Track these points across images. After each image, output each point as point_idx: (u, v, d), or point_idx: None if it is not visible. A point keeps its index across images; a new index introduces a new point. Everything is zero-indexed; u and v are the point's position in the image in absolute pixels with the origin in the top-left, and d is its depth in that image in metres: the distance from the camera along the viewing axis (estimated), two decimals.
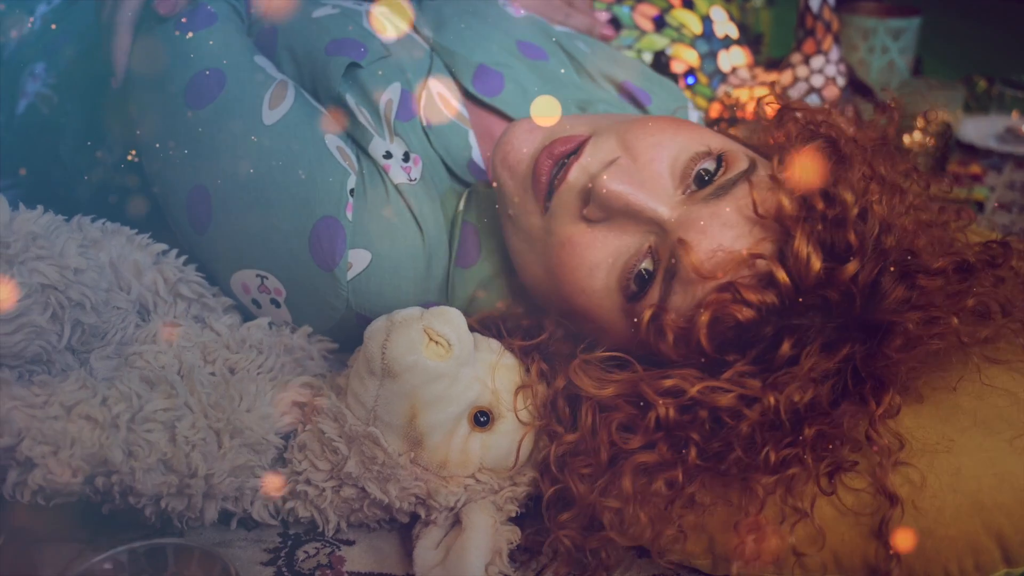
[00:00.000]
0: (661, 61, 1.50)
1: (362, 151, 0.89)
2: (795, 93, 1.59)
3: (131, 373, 0.78)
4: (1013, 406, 0.77)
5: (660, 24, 1.58)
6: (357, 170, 0.88)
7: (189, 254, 0.90)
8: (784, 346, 0.70)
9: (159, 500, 0.75)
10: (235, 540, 0.81)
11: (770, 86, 1.57)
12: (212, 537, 0.81)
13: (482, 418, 0.78)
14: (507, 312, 0.89)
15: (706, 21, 1.61)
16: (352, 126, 0.89)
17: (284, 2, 0.96)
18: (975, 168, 1.59)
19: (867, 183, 0.73)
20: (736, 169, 0.75)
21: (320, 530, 0.82)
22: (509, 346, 0.83)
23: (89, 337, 0.80)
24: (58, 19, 0.96)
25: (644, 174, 0.76)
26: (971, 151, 1.65)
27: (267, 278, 0.87)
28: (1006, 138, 1.68)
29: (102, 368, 0.80)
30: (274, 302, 0.88)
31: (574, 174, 0.77)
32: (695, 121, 1.03)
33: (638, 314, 0.74)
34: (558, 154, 0.78)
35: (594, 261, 0.77)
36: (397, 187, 0.88)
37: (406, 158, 0.89)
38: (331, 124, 0.89)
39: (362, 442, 0.77)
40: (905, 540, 0.71)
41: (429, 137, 0.91)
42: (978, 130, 1.69)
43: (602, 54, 1.10)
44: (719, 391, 0.71)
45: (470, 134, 0.94)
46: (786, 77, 1.59)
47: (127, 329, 0.83)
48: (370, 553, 0.81)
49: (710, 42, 1.60)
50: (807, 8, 1.59)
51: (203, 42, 0.88)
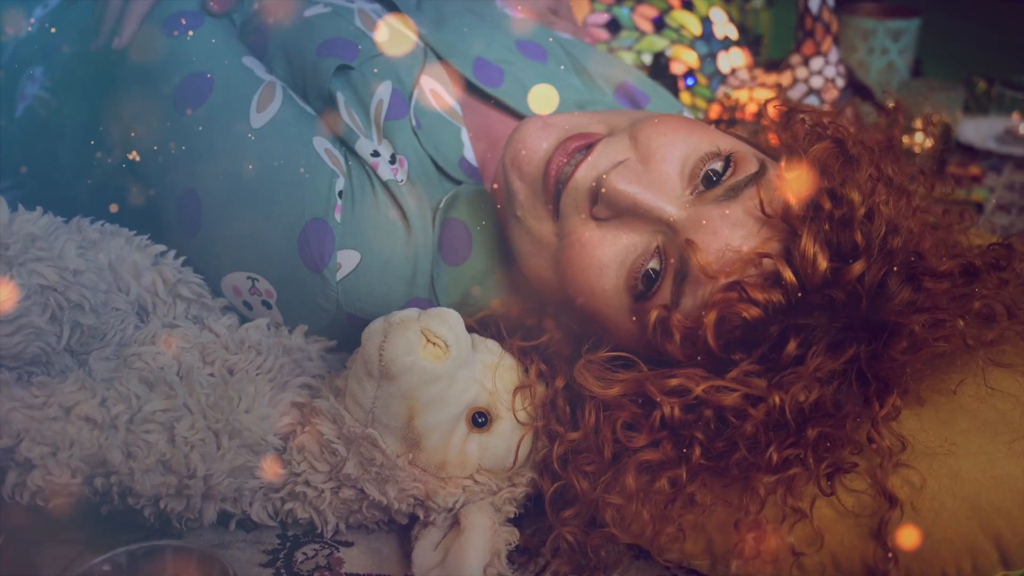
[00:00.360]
0: (660, 62, 1.50)
1: (350, 151, 0.89)
2: (794, 94, 1.59)
3: (130, 374, 0.78)
4: (1014, 409, 0.77)
5: (660, 25, 1.58)
6: (345, 171, 0.87)
7: (183, 256, 0.89)
8: (790, 345, 0.70)
9: (158, 501, 0.76)
10: (234, 541, 0.81)
11: (776, 88, 1.57)
12: (211, 538, 0.81)
13: (480, 419, 0.78)
14: (507, 312, 0.89)
15: (705, 22, 1.61)
16: (339, 126, 0.89)
17: (279, 1, 0.96)
18: (974, 169, 1.59)
19: (874, 184, 0.73)
20: (745, 171, 0.75)
21: (319, 531, 0.82)
22: (508, 347, 0.83)
23: (88, 338, 0.80)
24: (56, 22, 0.96)
25: (653, 174, 0.76)
26: (970, 152, 1.65)
27: (258, 280, 0.87)
28: (1005, 139, 1.67)
29: (101, 369, 0.80)
30: (265, 304, 0.88)
31: (583, 172, 0.77)
32: None
33: (645, 314, 0.74)
34: (572, 150, 0.78)
35: (603, 260, 0.77)
36: (385, 184, 0.88)
37: (392, 160, 0.89)
38: (319, 126, 0.89)
39: (360, 444, 0.77)
40: (909, 537, 0.71)
41: (419, 136, 0.91)
42: (977, 131, 1.69)
43: (599, 56, 1.10)
44: (724, 390, 0.71)
45: (462, 131, 0.93)
46: (785, 78, 1.59)
47: (126, 330, 0.83)
48: (369, 554, 0.81)
49: (709, 43, 1.61)
50: (806, 9, 1.59)
51: (191, 45, 0.88)
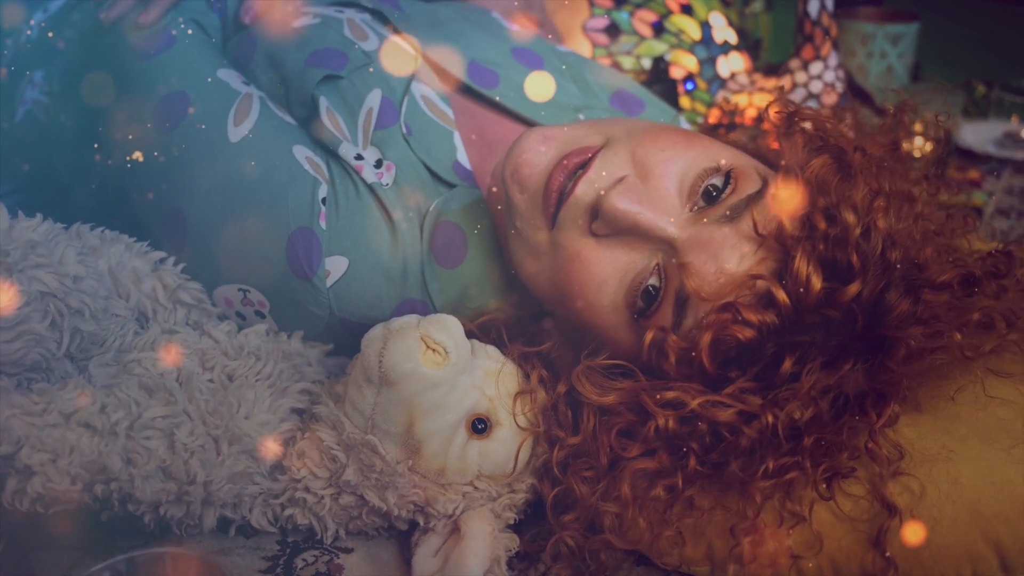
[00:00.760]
0: (660, 67, 1.50)
1: (332, 157, 0.89)
2: (794, 99, 1.58)
3: (130, 380, 0.78)
4: (1014, 416, 0.77)
5: (659, 30, 1.58)
6: (328, 178, 0.88)
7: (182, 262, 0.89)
8: (785, 364, 0.70)
9: (158, 507, 0.76)
10: (234, 548, 0.81)
11: (778, 91, 1.56)
12: (211, 544, 0.81)
13: (480, 425, 0.78)
14: (508, 317, 0.89)
15: (705, 27, 1.61)
16: (320, 131, 0.89)
17: (271, 12, 0.96)
18: (973, 173, 1.59)
19: (872, 199, 0.73)
20: (746, 188, 0.75)
21: (319, 538, 0.82)
22: (509, 352, 0.83)
23: (88, 344, 0.80)
24: (56, 26, 0.96)
25: (652, 192, 0.76)
26: (970, 156, 1.65)
27: (249, 291, 0.88)
28: (1005, 143, 1.67)
29: (101, 375, 0.80)
30: (259, 314, 0.89)
31: (582, 189, 0.77)
32: None
33: (643, 332, 0.75)
34: (572, 167, 0.78)
35: (602, 277, 0.77)
36: (370, 187, 0.88)
37: (378, 164, 0.89)
38: (299, 134, 0.89)
39: (360, 450, 0.77)
40: (914, 534, 0.71)
41: (410, 143, 0.91)
42: (977, 135, 1.69)
43: (594, 66, 1.10)
44: (719, 406, 0.71)
45: (455, 135, 0.93)
46: (785, 83, 1.59)
47: (126, 336, 0.83)
48: (369, 561, 0.81)
49: (709, 48, 1.60)
50: (806, 14, 1.59)
51: (164, 66, 0.88)
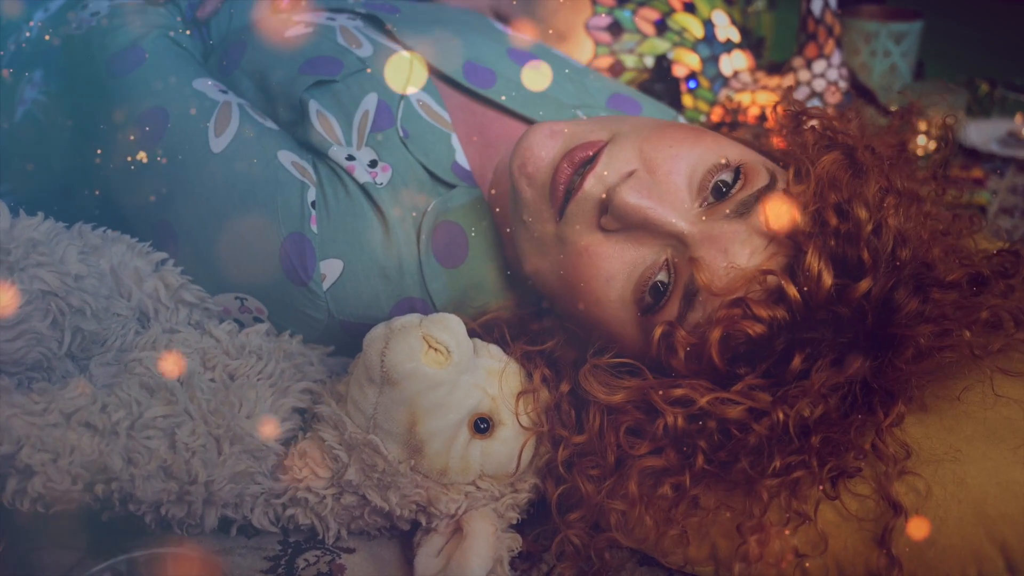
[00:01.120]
0: (663, 65, 1.50)
1: (320, 159, 0.89)
2: (796, 98, 1.58)
3: (131, 380, 0.78)
4: (1020, 415, 0.76)
5: (662, 28, 1.58)
6: (316, 181, 0.87)
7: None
8: (795, 360, 0.70)
9: (159, 507, 0.75)
10: (235, 547, 0.81)
11: (786, 91, 1.56)
12: (212, 544, 0.81)
13: (482, 425, 0.78)
14: (511, 316, 0.89)
15: (708, 25, 1.60)
16: (310, 134, 0.89)
17: (259, 20, 0.96)
18: (977, 172, 1.58)
19: (883, 195, 0.73)
20: (755, 183, 0.74)
21: (320, 537, 0.81)
22: (512, 351, 0.83)
23: (89, 344, 0.80)
24: (55, 26, 0.96)
25: (662, 187, 0.76)
26: (973, 155, 1.64)
27: (246, 299, 0.88)
28: (1008, 142, 1.67)
29: (102, 375, 0.80)
30: (257, 320, 0.89)
31: (590, 183, 0.77)
32: None
33: (651, 328, 0.74)
34: (578, 160, 0.78)
35: (610, 272, 0.77)
36: (363, 186, 0.87)
37: (372, 164, 0.89)
38: (283, 139, 0.89)
39: (362, 450, 0.76)
40: (919, 529, 0.71)
41: (407, 145, 0.91)
42: (980, 134, 1.69)
43: (590, 71, 1.11)
44: (728, 403, 0.71)
45: (452, 137, 0.93)
46: (788, 81, 1.58)
47: (127, 336, 0.83)
48: (371, 561, 0.81)
49: (712, 46, 1.60)
50: (809, 12, 1.58)
51: (137, 82, 0.88)
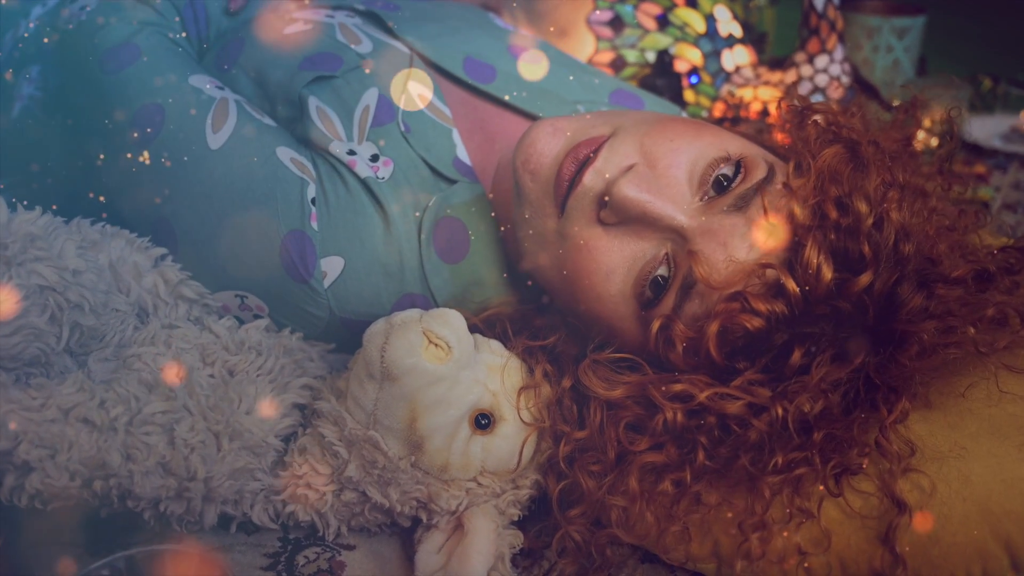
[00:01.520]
0: (664, 60, 1.49)
1: (319, 155, 0.88)
2: (799, 92, 1.57)
3: (129, 375, 0.78)
4: None
5: (663, 23, 1.57)
6: (315, 177, 0.87)
7: None
8: (795, 355, 0.70)
9: (158, 504, 0.75)
10: (235, 544, 0.81)
11: (790, 87, 1.55)
12: (211, 541, 0.80)
13: (483, 421, 0.78)
14: (513, 311, 0.89)
15: (710, 20, 1.60)
16: (310, 130, 0.88)
17: (259, 17, 0.96)
18: (980, 168, 1.58)
19: (885, 190, 0.72)
20: (755, 177, 0.74)
21: (320, 534, 0.81)
22: (513, 347, 0.83)
23: (87, 339, 0.79)
24: (51, 22, 0.95)
25: (661, 181, 0.75)
26: (976, 151, 1.64)
27: (247, 297, 0.87)
28: (1011, 138, 1.66)
29: (100, 370, 0.80)
30: (257, 317, 0.88)
31: (589, 178, 0.76)
32: None
33: (650, 323, 0.74)
34: (583, 157, 0.77)
35: (610, 266, 0.76)
36: (364, 181, 0.87)
37: (374, 159, 0.88)
38: (282, 135, 0.88)
39: (362, 446, 0.76)
40: (924, 523, 0.71)
41: (408, 140, 0.90)
42: (983, 130, 1.68)
43: (591, 68, 1.10)
44: (728, 398, 0.70)
45: (453, 133, 0.93)
46: (790, 76, 1.58)
47: (126, 331, 0.82)
48: (371, 558, 0.80)
49: (714, 41, 1.60)
50: (811, 7, 1.58)
51: (133, 80, 0.87)
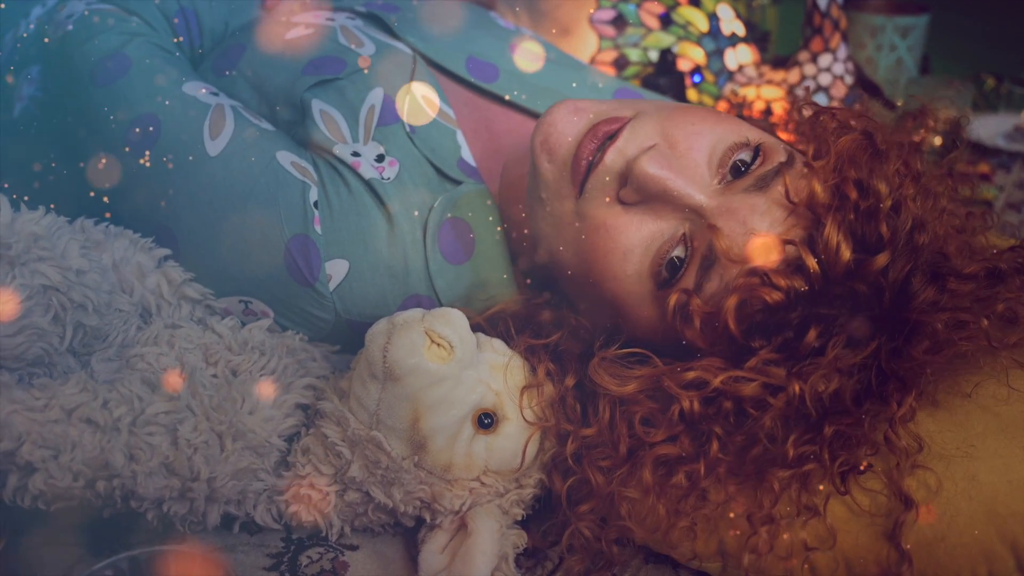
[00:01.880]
0: (667, 59, 1.49)
1: (319, 157, 0.88)
2: (801, 92, 1.57)
3: (132, 375, 0.78)
4: None
5: (666, 22, 1.57)
6: (316, 180, 0.86)
7: None
8: (810, 334, 0.70)
9: (161, 504, 0.75)
10: (238, 544, 0.80)
11: (793, 88, 1.55)
12: (215, 541, 0.80)
13: (486, 420, 0.77)
14: (518, 309, 0.89)
15: (712, 19, 1.59)
16: (312, 133, 0.88)
17: (269, 23, 0.96)
18: (983, 167, 1.58)
19: (902, 179, 0.73)
20: (774, 161, 0.75)
21: (324, 535, 0.81)
22: (516, 345, 0.83)
23: (91, 339, 0.79)
24: (50, 22, 0.95)
25: (682, 161, 0.76)
26: (979, 150, 1.64)
27: (251, 302, 0.87)
28: (1015, 137, 1.66)
29: (103, 370, 0.80)
30: None
31: (611, 157, 0.77)
32: None
33: (665, 304, 0.74)
34: (602, 135, 0.78)
35: (628, 245, 0.77)
36: (368, 182, 0.87)
37: (380, 159, 0.88)
38: (281, 139, 0.88)
39: (365, 446, 0.76)
40: (929, 514, 0.71)
41: (413, 140, 0.90)
42: (986, 129, 1.68)
43: (593, 69, 1.10)
44: (743, 380, 0.71)
45: (458, 134, 0.93)
46: (793, 75, 1.58)
47: (129, 331, 0.82)
48: (374, 558, 0.80)
49: (717, 40, 1.59)
50: (815, 6, 1.57)
51: (125, 91, 0.87)
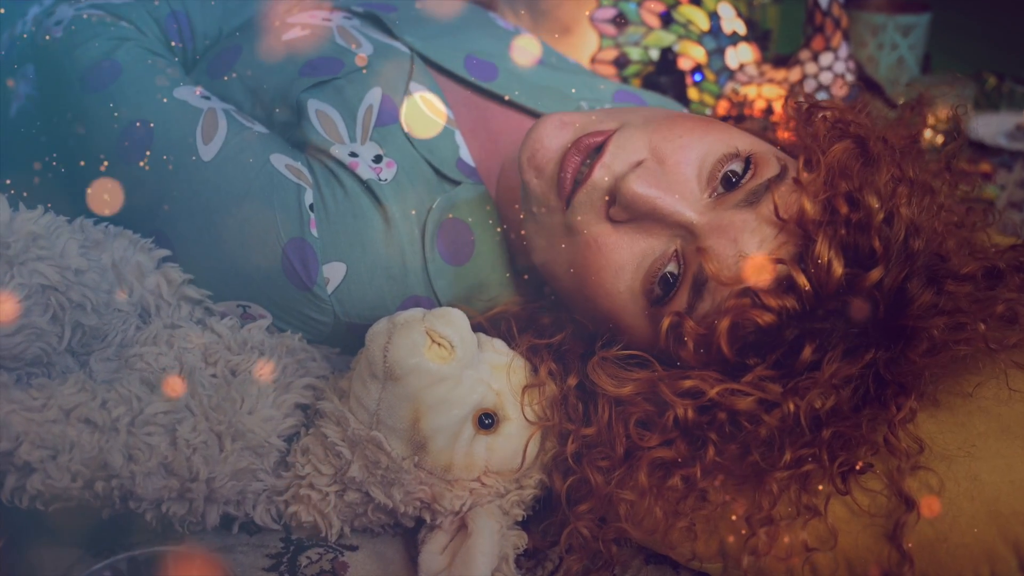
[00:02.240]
0: (668, 58, 1.49)
1: (314, 159, 0.87)
2: (804, 90, 1.57)
3: (131, 375, 0.78)
4: None
5: (667, 20, 1.57)
6: (312, 182, 0.86)
7: None
8: (806, 351, 0.69)
9: (160, 504, 0.75)
10: (237, 545, 0.80)
11: (786, 84, 1.55)
12: (214, 542, 0.80)
13: (487, 420, 0.77)
14: (519, 310, 0.89)
15: (713, 17, 1.59)
16: (309, 134, 0.87)
17: (265, 24, 0.96)
18: (985, 166, 1.57)
19: (895, 185, 0.72)
20: (765, 173, 0.74)
21: (323, 535, 0.81)
22: (517, 345, 0.82)
23: (89, 339, 0.79)
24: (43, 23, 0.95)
25: (670, 177, 0.75)
26: (981, 149, 1.63)
27: (249, 307, 0.87)
28: (1016, 136, 1.66)
29: (102, 370, 0.79)
30: None
31: (598, 173, 0.76)
32: None
33: (660, 320, 0.74)
34: (585, 148, 0.77)
35: (619, 263, 0.76)
36: (365, 183, 0.86)
37: (377, 160, 0.88)
38: (275, 142, 0.87)
39: (365, 446, 0.76)
40: (931, 508, 0.70)
41: (412, 141, 0.90)
42: (988, 127, 1.68)
43: (592, 72, 1.11)
44: (739, 394, 0.70)
45: (456, 134, 0.92)
46: (795, 74, 1.57)
47: (128, 331, 0.82)
48: (374, 558, 0.80)
49: (717, 38, 1.59)
50: (816, 4, 1.57)
51: (116, 97, 0.86)
